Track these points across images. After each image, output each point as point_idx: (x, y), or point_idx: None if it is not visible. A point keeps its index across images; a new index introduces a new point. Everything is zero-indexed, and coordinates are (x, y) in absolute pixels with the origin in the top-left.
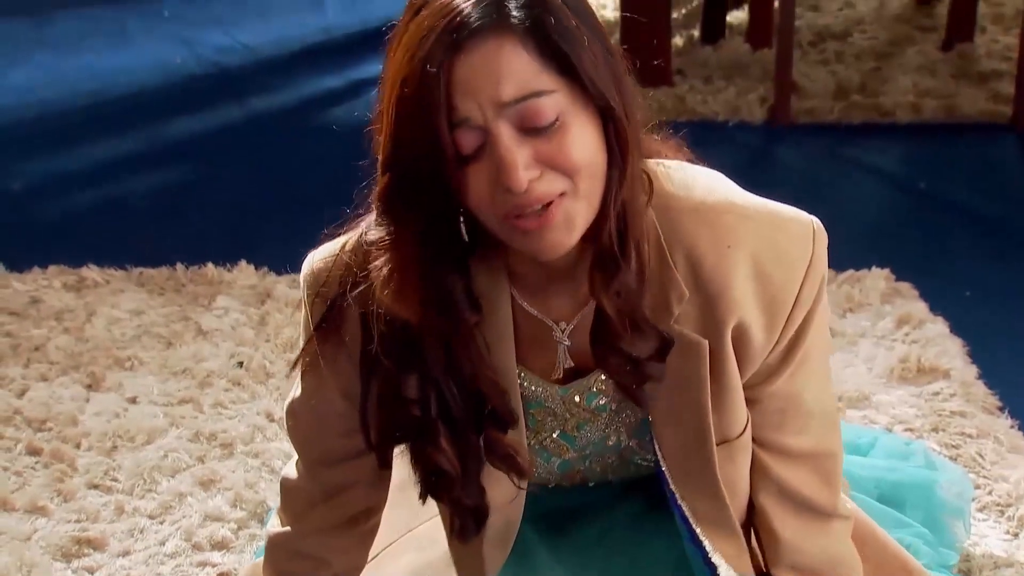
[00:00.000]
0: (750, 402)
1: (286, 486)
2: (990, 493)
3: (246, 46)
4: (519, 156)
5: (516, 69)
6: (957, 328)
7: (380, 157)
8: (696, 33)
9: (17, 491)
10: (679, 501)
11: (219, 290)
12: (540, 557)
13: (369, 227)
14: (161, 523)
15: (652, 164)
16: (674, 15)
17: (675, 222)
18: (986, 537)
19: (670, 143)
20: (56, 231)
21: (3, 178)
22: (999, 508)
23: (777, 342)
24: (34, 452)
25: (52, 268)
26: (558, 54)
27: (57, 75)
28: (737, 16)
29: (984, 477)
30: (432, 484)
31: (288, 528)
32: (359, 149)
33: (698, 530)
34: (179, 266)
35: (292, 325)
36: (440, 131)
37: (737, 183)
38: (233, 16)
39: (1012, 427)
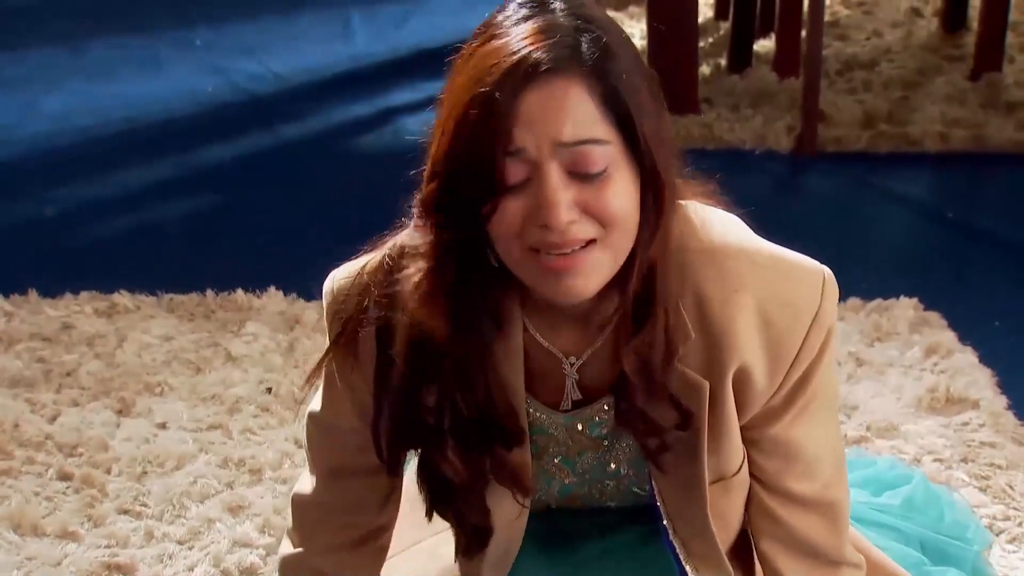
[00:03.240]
0: (751, 443)
1: (298, 502)
2: (1020, 525)
3: (276, 74)
4: (563, 197)
5: (579, 113)
6: (986, 358)
7: (428, 165)
8: (723, 61)
9: (48, 516)
10: (671, 537)
11: (248, 316)
12: None
13: (394, 247)
14: (190, 549)
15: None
16: (701, 43)
17: (686, 263)
18: (1016, 569)
19: (696, 185)
20: (88, 257)
21: (36, 204)
22: None
23: (779, 388)
24: (65, 477)
25: (84, 294)
26: (620, 108)
27: (91, 102)
28: (764, 45)
29: (1014, 508)
30: (438, 496)
31: (300, 549)
32: (387, 176)
33: (688, 567)
34: (209, 292)
35: (320, 351)
36: (496, 157)
37: (764, 212)
38: (264, 44)
39: None
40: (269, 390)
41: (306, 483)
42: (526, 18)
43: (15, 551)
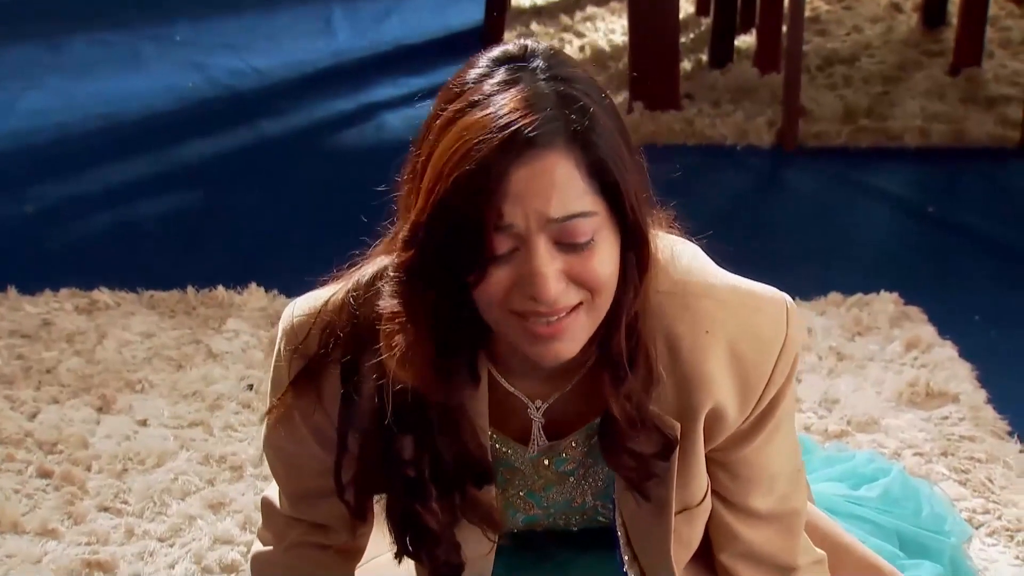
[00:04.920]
0: (719, 465)
1: (268, 506)
2: (999, 518)
3: (257, 70)
4: (552, 269)
5: (567, 188)
6: (966, 352)
7: (407, 230)
8: (704, 57)
9: (28, 514)
10: (624, 568)
11: (229, 313)
12: None
13: (359, 284)
14: (171, 546)
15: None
16: (682, 39)
17: (656, 305)
18: (996, 562)
19: (660, 216)
20: (68, 254)
21: (16, 201)
22: (1008, 533)
23: (749, 416)
24: (45, 475)
25: (64, 291)
26: (606, 177)
27: (70, 99)
28: (745, 40)
29: (993, 502)
30: (413, 541)
31: (271, 547)
32: (369, 172)
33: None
34: (190, 289)
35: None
36: (486, 233)
37: (745, 207)
38: (244, 40)
39: (1021, 452)
40: (250, 387)
41: (275, 493)
42: (507, 83)
43: None
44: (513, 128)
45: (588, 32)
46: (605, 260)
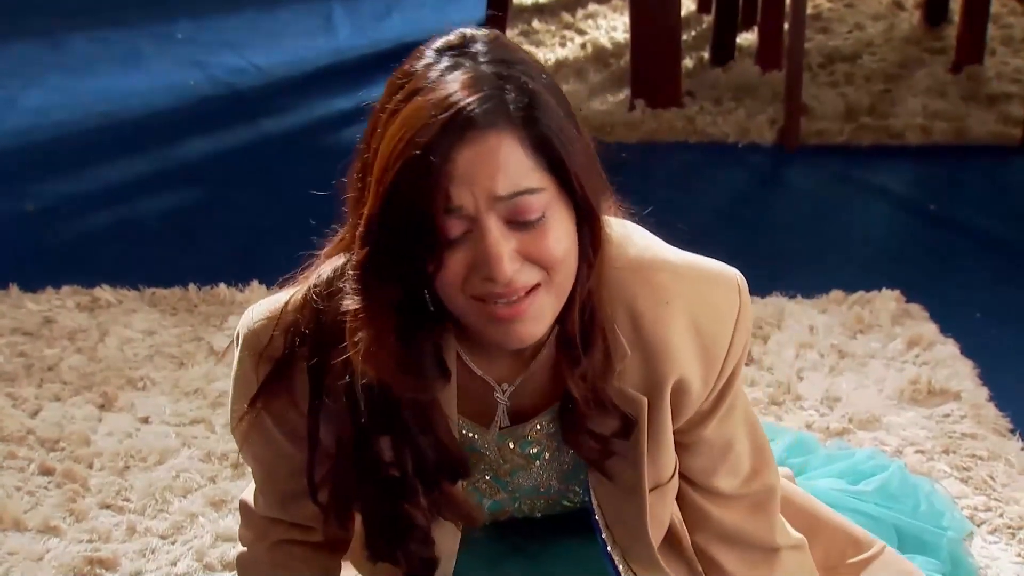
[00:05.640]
0: (683, 447)
1: (245, 508)
2: (1001, 516)
3: (258, 68)
4: (505, 248)
5: (512, 165)
6: (967, 350)
7: (361, 229)
8: (706, 55)
9: (30, 511)
10: (608, 548)
11: (231, 310)
12: None
13: (319, 281)
14: (173, 543)
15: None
16: (684, 37)
17: (615, 281)
18: (997, 560)
19: (611, 200)
20: (69, 252)
21: (17, 199)
22: (1010, 531)
23: (711, 391)
24: (47, 472)
25: (65, 288)
26: (551, 153)
27: (71, 97)
28: (747, 38)
29: (995, 500)
30: (393, 541)
31: (254, 547)
32: None
33: (620, 568)
34: (191, 286)
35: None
36: (436, 217)
37: (746, 205)
38: (246, 38)
39: (1023, 449)
40: None
41: (252, 496)
42: (450, 69)
43: None
44: (454, 110)
45: (590, 29)
46: (560, 237)
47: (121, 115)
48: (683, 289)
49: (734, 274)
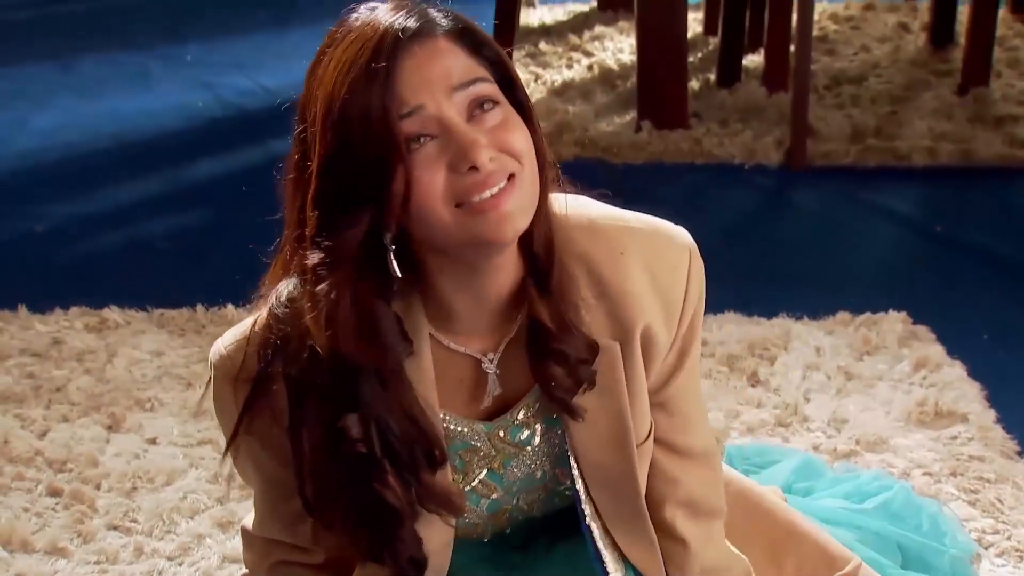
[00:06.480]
0: (654, 406)
1: (246, 534)
2: (1009, 539)
3: (267, 89)
4: (477, 134)
5: (457, 61)
6: (975, 372)
7: (314, 166)
8: (712, 76)
9: (38, 532)
10: (587, 520)
11: None
12: None
13: (278, 298)
14: (180, 565)
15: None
16: (690, 58)
17: (570, 239)
18: None
19: (555, 174)
20: (78, 272)
21: (27, 220)
22: (1018, 554)
23: (674, 341)
24: (55, 493)
25: (74, 309)
26: (489, 53)
27: (81, 118)
28: (753, 60)
29: (1003, 523)
30: (376, 534)
31: (256, 569)
32: None
33: (603, 542)
34: (199, 307)
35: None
36: (392, 123)
37: (753, 226)
38: (254, 60)
39: None
40: None
41: (251, 521)
42: (372, 9)
43: (4, 567)
44: (386, 25)
45: (596, 51)
46: (520, 129)
47: (130, 136)
48: (634, 240)
49: (683, 232)
